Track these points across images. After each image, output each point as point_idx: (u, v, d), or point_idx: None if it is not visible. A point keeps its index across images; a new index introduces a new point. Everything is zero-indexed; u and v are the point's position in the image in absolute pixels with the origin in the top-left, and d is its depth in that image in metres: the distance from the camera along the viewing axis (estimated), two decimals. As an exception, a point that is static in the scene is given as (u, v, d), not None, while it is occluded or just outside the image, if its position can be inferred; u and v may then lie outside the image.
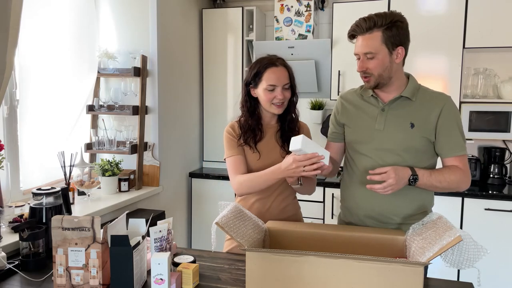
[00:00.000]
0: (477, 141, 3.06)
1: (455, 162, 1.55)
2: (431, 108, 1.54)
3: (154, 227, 1.47)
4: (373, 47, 1.47)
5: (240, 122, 1.71)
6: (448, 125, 1.53)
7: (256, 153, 1.67)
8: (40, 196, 1.66)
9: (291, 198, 1.78)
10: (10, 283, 1.44)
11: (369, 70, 1.51)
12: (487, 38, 2.79)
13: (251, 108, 1.68)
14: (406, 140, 1.54)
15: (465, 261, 1.17)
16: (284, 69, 1.63)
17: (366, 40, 1.48)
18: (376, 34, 1.47)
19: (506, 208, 2.63)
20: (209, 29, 3.39)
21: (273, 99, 1.61)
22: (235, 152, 1.67)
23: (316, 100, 3.33)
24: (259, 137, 1.68)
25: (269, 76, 1.60)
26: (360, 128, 1.62)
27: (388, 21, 1.47)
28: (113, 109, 2.69)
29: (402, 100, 1.56)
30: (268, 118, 1.71)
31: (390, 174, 1.43)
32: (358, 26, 1.50)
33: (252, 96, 1.68)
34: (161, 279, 1.26)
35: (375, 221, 1.60)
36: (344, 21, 3.05)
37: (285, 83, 1.61)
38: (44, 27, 2.27)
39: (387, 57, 1.49)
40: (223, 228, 1.26)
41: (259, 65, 1.63)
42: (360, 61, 1.52)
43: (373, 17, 1.48)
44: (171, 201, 3.05)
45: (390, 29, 1.47)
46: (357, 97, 1.67)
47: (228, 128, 1.72)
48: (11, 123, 2.11)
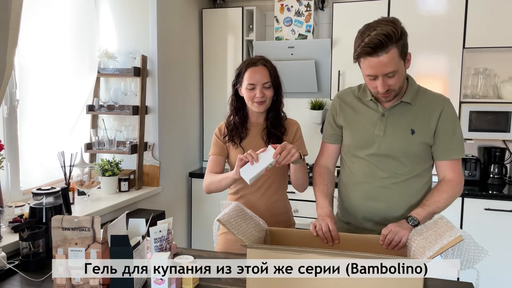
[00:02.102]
0: (477, 141, 3.06)
1: (447, 166, 1.54)
2: (431, 112, 1.52)
3: (154, 227, 1.47)
4: (394, 65, 1.37)
5: (228, 121, 1.79)
6: (446, 128, 1.52)
7: (240, 149, 1.72)
8: (40, 196, 1.66)
9: (280, 194, 1.78)
10: (10, 283, 1.44)
11: (391, 87, 1.43)
12: (487, 38, 2.79)
13: (237, 107, 1.76)
14: (406, 146, 1.52)
15: (465, 261, 1.17)
16: (264, 68, 1.68)
17: (385, 59, 1.35)
18: (393, 51, 1.35)
19: (506, 208, 2.63)
20: (209, 29, 3.39)
21: (253, 97, 1.67)
22: (215, 152, 1.77)
23: (316, 100, 3.33)
24: (244, 134, 1.74)
25: (249, 75, 1.66)
26: (359, 132, 1.60)
27: (399, 31, 1.36)
28: (113, 109, 2.69)
29: (402, 105, 1.54)
30: (255, 116, 1.76)
31: (390, 229, 1.39)
32: (372, 46, 1.35)
33: (239, 96, 1.75)
34: (161, 279, 1.26)
35: (374, 223, 1.59)
36: (344, 21, 3.06)
37: (265, 81, 1.66)
38: (44, 27, 2.27)
39: (403, 69, 1.44)
40: (225, 225, 1.26)
41: (242, 65, 1.72)
42: (381, 81, 1.40)
43: (384, 33, 1.34)
44: (171, 201, 3.05)
45: (401, 39, 1.37)
46: (355, 99, 1.63)
47: (216, 129, 1.81)
48: (11, 123, 2.11)
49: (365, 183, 1.59)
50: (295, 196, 2.93)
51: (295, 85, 3.32)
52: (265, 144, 1.68)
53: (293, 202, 3.02)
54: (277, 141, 1.68)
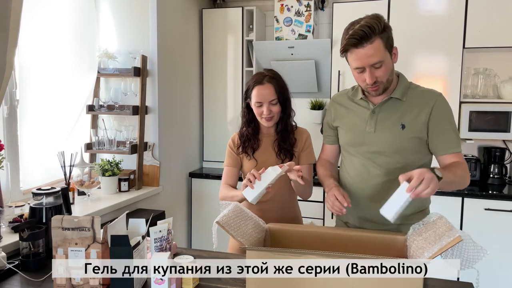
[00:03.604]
0: (477, 141, 3.06)
1: (454, 158, 1.52)
2: (422, 107, 1.52)
3: (154, 227, 1.47)
4: (380, 55, 1.42)
5: (241, 132, 1.84)
6: (440, 122, 1.52)
7: (253, 160, 1.79)
8: (40, 196, 1.66)
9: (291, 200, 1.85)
10: (10, 283, 1.44)
11: (379, 78, 1.46)
12: (487, 38, 2.79)
13: (249, 119, 1.81)
14: (397, 141, 1.53)
15: (464, 261, 1.17)
16: (271, 85, 1.71)
17: (371, 50, 1.40)
18: (378, 42, 1.41)
19: (506, 208, 2.64)
20: (209, 29, 3.39)
21: (261, 113, 1.73)
22: (229, 163, 1.84)
23: (316, 100, 3.33)
24: (256, 145, 1.80)
25: (255, 93, 1.71)
26: (351, 130, 1.62)
27: (382, 24, 1.41)
28: (113, 109, 2.69)
29: (392, 101, 1.55)
30: (266, 128, 1.82)
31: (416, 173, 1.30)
32: (357, 37, 1.40)
33: (251, 108, 1.79)
34: (161, 279, 1.26)
35: (372, 224, 1.59)
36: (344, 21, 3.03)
37: (271, 99, 1.70)
38: (44, 27, 2.27)
39: (390, 61, 1.47)
40: (224, 227, 1.26)
41: (250, 82, 1.76)
42: (369, 73, 1.44)
43: (367, 24, 1.39)
44: (171, 201, 3.05)
45: (385, 32, 1.42)
46: (348, 99, 1.67)
47: (229, 140, 1.87)
48: (11, 123, 2.11)
49: (360, 182, 1.60)
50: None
51: (295, 85, 3.31)
52: (276, 156, 1.77)
53: (293, 202, 3.04)
54: (287, 152, 1.76)
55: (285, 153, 1.76)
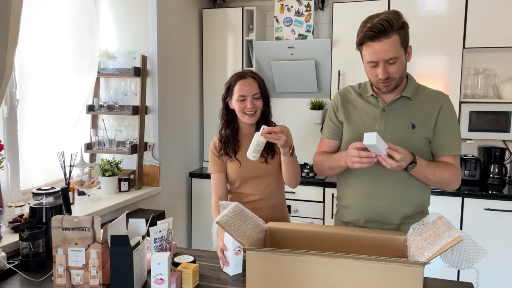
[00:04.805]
0: (477, 141, 3.06)
1: (448, 159, 1.54)
2: (431, 107, 1.54)
3: (154, 227, 1.47)
4: (395, 51, 1.41)
5: (220, 134, 1.84)
6: (446, 123, 1.53)
7: (236, 162, 1.79)
8: (40, 196, 1.66)
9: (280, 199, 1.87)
10: (10, 283, 1.44)
11: (391, 75, 1.46)
12: (487, 38, 2.79)
13: (228, 120, 1.81)
14: (407, 140, 1.52)
15: (464, 261, 1.18)
16: (253, 80, 1.75)
17: (387, 45, 1.40)
18: (395, 37, 1.40)
19: (506, 208, 2.64)
20: (209, 29, 3.39)
21: (244, 108, 1.73)
22: (216, 169, 1.82)
23: (316, 100, 3.33)
24: (238, 146, 1.80)
25: (239, 87, 1.73)
26: (360, 128, 1.59)
27: (400, 20, 1.41)
28: (113, 109, 2.69)
29: (402, 100, 1.56)
30: (247, 128, 1.82)
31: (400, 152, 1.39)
32: (376, 31, 1.40)
33: (230, 109, 1.80)
34: (161, 279, 1.26)
35: (374, 223, 1.59)
36: (344, 21, 3.06)
37: (254, 93, 1.73)
38: (44, 27, 2.27)
39: (404, 58, 1.47)
40: (224, 227, 1.26)
41: (231, 79, 1.78)
42: (382, 68, 1.44)
43: (386, 19, 1.39)
44: (171, 201, 3.05)
45: (403, 28, 1.43)
46: (356, 95, 1.65)
47: (211, 145, 1.86)
48: (11, 123, 2.12)
49: (363, 180, 1.59)
50: (295, 196, 2.93)
51: (295, 85, 3.33)
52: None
53: (294, 202, 3.04)
54: (269, 149, 1.76)
55: (267, 151, 1.76)
